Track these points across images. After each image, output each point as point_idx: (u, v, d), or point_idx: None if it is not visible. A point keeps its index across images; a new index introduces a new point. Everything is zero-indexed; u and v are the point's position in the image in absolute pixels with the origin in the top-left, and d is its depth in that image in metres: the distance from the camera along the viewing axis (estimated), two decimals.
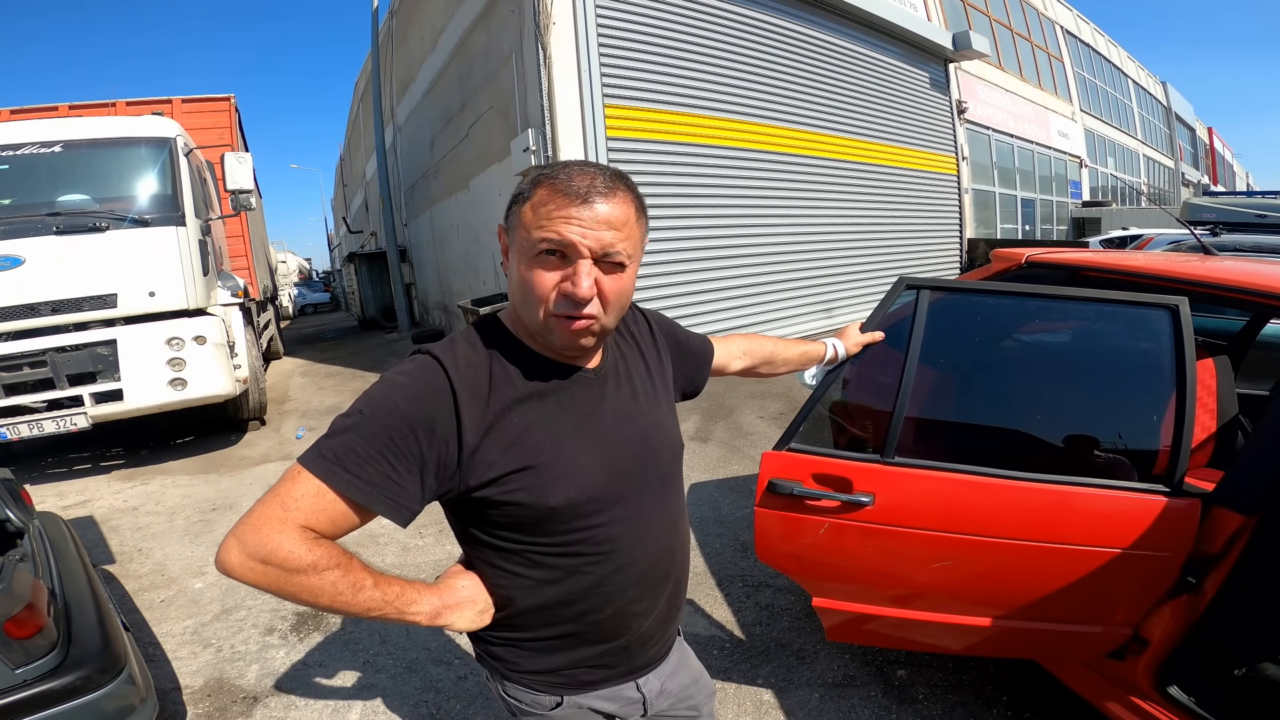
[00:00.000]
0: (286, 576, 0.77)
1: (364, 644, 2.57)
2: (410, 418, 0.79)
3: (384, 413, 0.80)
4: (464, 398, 0.82)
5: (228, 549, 0.77)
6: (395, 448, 0.79)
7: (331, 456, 0.79)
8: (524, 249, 0.81)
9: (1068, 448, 1.69)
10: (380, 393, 0.82)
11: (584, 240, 0.78)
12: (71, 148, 4.81)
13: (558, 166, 0.83)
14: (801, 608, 2.59)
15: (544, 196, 0.80)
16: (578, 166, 0.82)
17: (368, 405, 0.81)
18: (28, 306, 4.51)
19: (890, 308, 1.70)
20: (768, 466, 1.69)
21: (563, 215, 0.78)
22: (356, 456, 0.78)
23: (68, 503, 4.43)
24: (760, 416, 5.18)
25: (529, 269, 0.81)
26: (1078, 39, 18.22)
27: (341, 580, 0.80)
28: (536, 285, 0.81)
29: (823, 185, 9.04)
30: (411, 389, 0.81)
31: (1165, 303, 1.53)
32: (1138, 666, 1.55)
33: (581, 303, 0.80)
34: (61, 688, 1.53)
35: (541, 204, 0.80)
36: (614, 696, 0.99)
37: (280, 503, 0.79)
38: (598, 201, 0.79)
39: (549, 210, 0.79)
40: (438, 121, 10.67)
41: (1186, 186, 27.32)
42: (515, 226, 0.83)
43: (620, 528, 0.91)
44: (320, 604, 0.80)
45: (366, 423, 0.79)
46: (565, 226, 0.78)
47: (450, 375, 0.82)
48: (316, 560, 0.78)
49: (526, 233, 0.81)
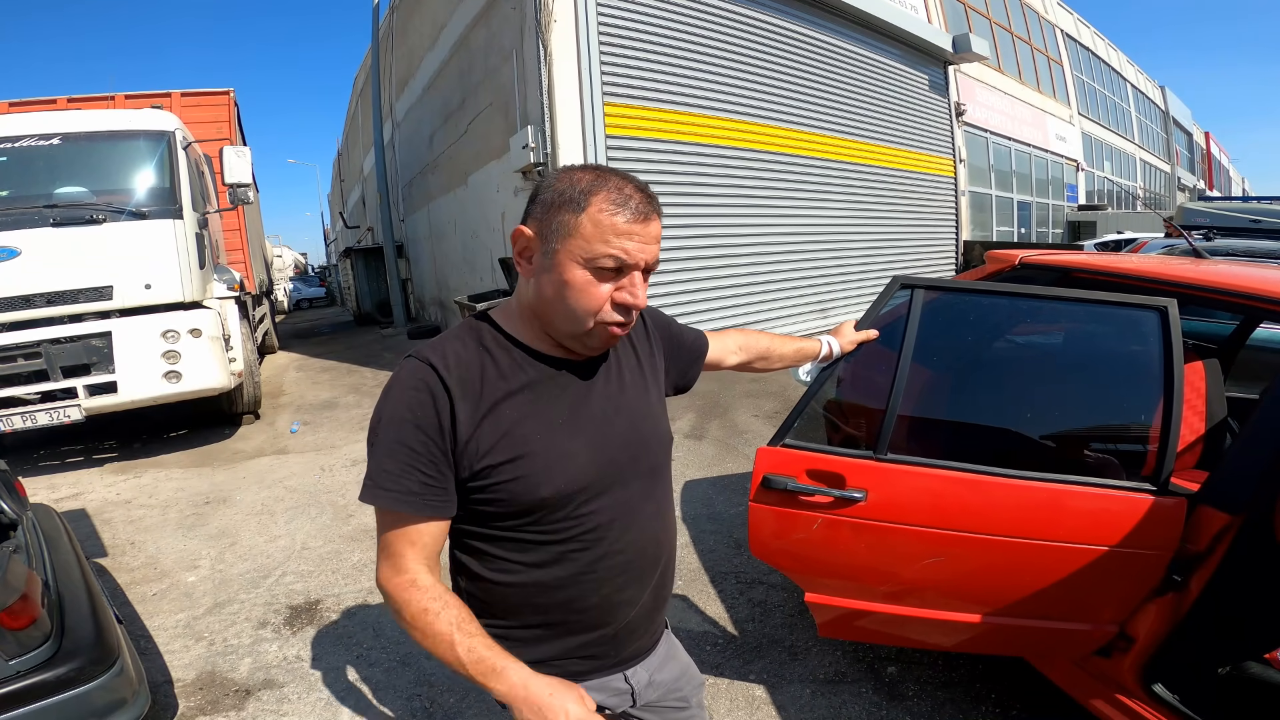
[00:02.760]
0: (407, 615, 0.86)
1: (357, 637, 2.57)
2: (418, 422, 0.83)
3: (395, 425, 0.84)
4: (456, 393, 0.84)
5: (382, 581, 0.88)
6: (415, 454, 0.83)
7: (378, 482, 0.84)
8: (580, 258, 0.82)
9: (1057, 446, 1.71)
10: (387, 408, 0.86)
11: (642, 255, 0.84)
12: (70, 140, 4.79)
13: (601, 176, 0.84)
14: (794, 605, 2.60)
15: (605, 209, 0.81)
16: (617, 177, 0.84)
17: (379, 423, 0.86)
18: (23, 298, 4.50)
19: (884, 307, 1.72)
20: (762, 462, 1.70)
21: (628, 232, 0.82)
22: (390, 475, 0.84)
23: (60, 495, 4.42)
24: (755, 415, 5.20)
25: (584, 279, 0.83)
26: (1078, 42, 18.27)
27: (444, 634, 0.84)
28: (592, 296, 0.84)
29: (820, 186, 9.06)
30: (409, 396, 0.85)
31: (1154, 304, 1.54)
32: (1123, 664, 1.57)
33: (638, 311, 0.87)
34: (55, 679, 1.53)
35: (606, 216, 0.81)
36: (602, 687, 1.00)
37: (383, 553, 0.89)
38: (652, 219, 0.85)
39: (614, 225, 0.81)
40: (437, 117, 10.65)
41: (1182, 191, 27.43)
42: (566, 234, 0.83)
43: (608, 515, 0.92)
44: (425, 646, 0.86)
45: (383, 441, 0.85)
46: (630, 244, 0.82)
47: (441, 374, 0.85)
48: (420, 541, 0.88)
49: (586, 243, 0.82)
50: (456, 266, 10.45)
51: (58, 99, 7.11)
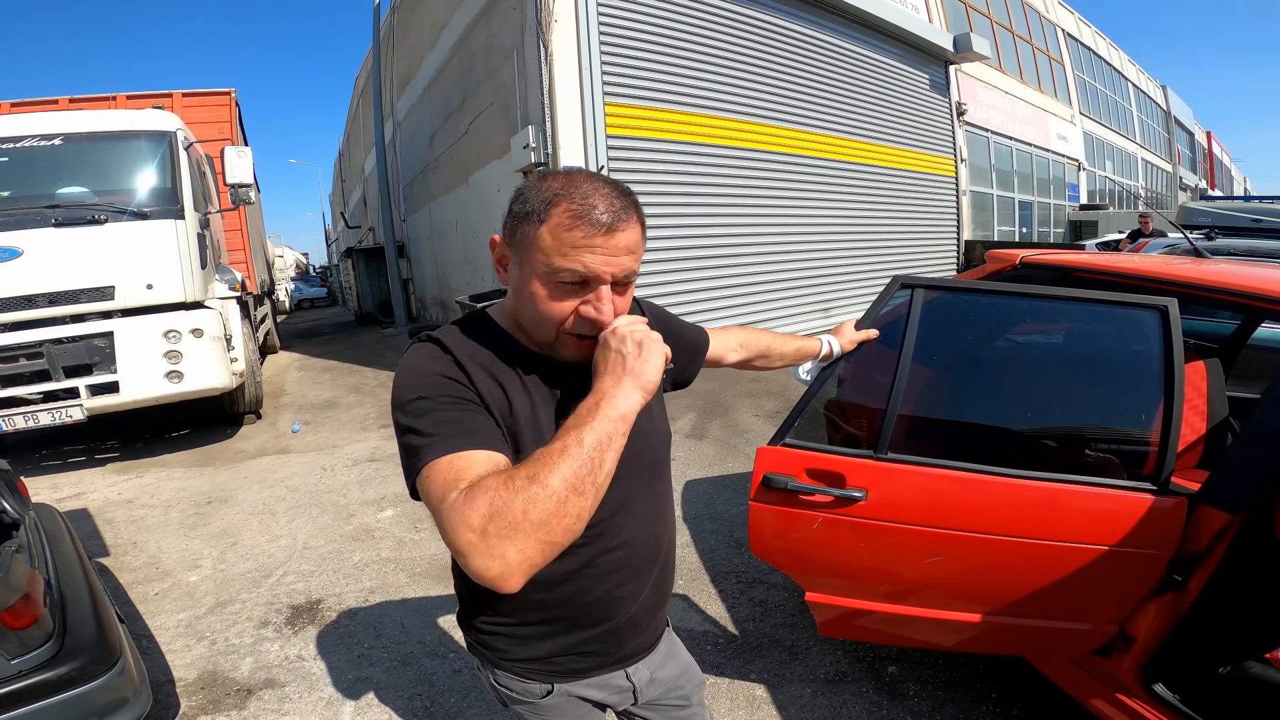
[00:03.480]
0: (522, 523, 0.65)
1: (358, 637, 2.57)
2: (452, 379, 0.81)
3: (433, 385, 0.80)
4: (471, 368, 0.84)
5: (475, 553, 0.65)
6: (469, 403, 0.80)
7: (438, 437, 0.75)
8: (540, 272, 0.80)
9: (1058, 446, 1.71)
10: (411, 378, 0.82)
11: (607, 269, 0.78)
12: (71, 140, 4.80)
13: (569, 184, 0.79)
14: (794, 604, 2.60)
15: (565, 222, 0.77)
16: (589, 184, 0.79)
17: (410, 392, 0.80)
18: (25, 298, 4.51)
19: (885, 306, 1.72)
20: (763, 461, 1.70)
21: (587, 245, 0.77)
22: (451, 423, 0.76)
23: (63, 495, 4.43)
24: (756, 415, 5.20)
25: (546, 293, 0.80)
26: (1079, 42, 18.25)
27: (554, 448, 0.69)
28: (554, 310, 0.81)
29: (821, 185, 9.06)
30: (432, 364, 0.83)
31: (1155, 304, 1.54)
32: (1124, 664, 1.57)
33: (603, 327, 0.81)
34: (57, 678, 1.54)
35: (563, 229, 0.77)
36: (604, 685, 1.01)
37: (441, 496, 0.70)
38: (619, 230, 0.78)
39: (573, 239, 0.77)
40: (438, 117, 10.66)
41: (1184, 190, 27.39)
42: (527, 246, 0.80)
43: (608, 511, 0.91)
44: (581, 475, 0.68)
45: (427, 400, 0.79)
46: (590, 257, 0.77)
47: (453, 352, 0.85)
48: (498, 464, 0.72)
49: (545, 257, 0.78)
50: (458, 266, 10.46)
51: (59, 99, 7.12)
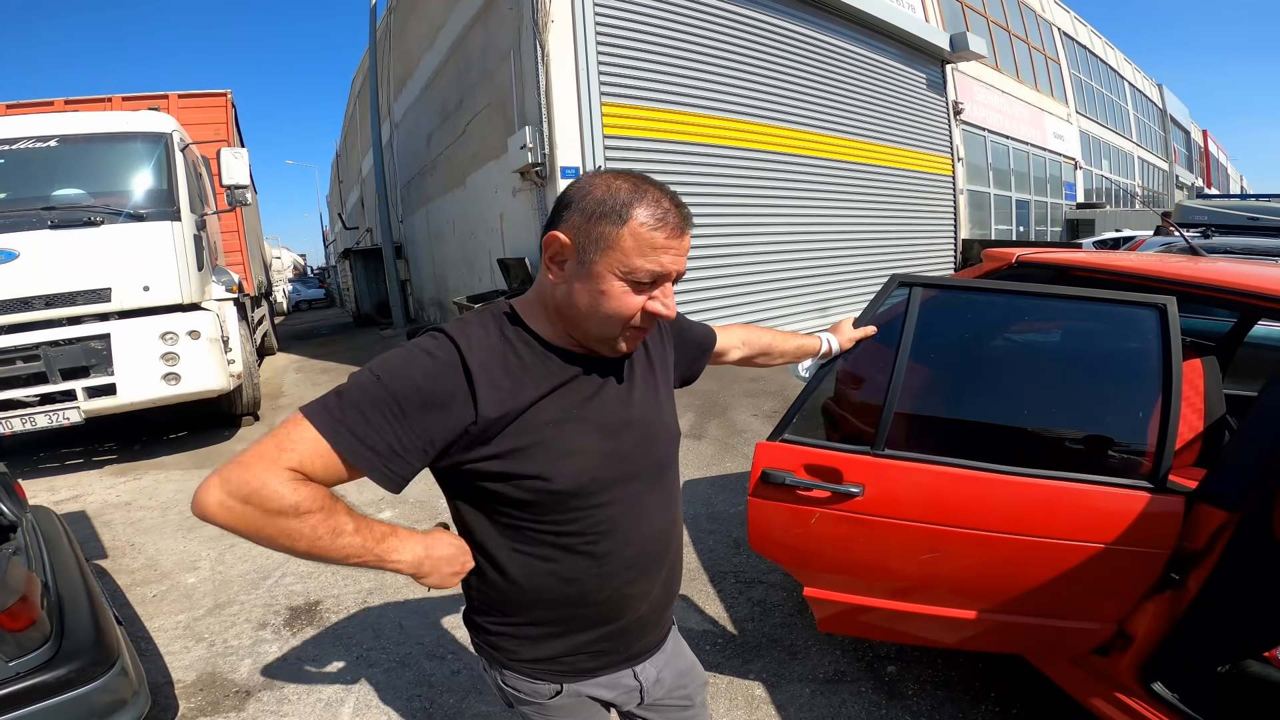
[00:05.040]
0: (265, 519, 0.75)
1: (357, 638, 2.57)
2: (424, 391, 0.80)
3: (399, 382, 0.80)
4: (478, 375, 0.83)
5: (207, 488, 0.75)
6: (403, 419, 0.80)
7: (339, 415, 0.79)
8: (619, 270, 0.83)
9: (1055, 443, 1.71)
10: (398, 362, 0.83)
11: (676, 267, 0.86)
12: (67, 142, 4.79)
13: (639, 187, 0.84)
14: (793, 604, 2.61)
15: (647, 224, 0.82)
16: (655, 188, 0.85)
17: (384, 372, 0.81)
18: (21, 300, 4.49)
19: (883, 305, 1.72)
20: (761, 457, 1.71)
21: (665, 246, 0.83)
22: (364, 420, 0.79)
23: (60, 497, 4.42)
24: (754, 414, 5.20)
25: (622, 291, 0.84)
26: (1074, 41, 18.28)
27: (321, 525, 0.78)
28: (627, 305, 0.85)
29: (818, 185, 9.07)
30: (430, 364, 0.82)
31: (1153, 302, 1.54)
32: (1122, 662, 1.57)
33: (667, 319, 0.89)
34: (54, 681, 1.53)
35: (647, 230, 0.82)
36: (612, 684, 1.01)
37: (276, 444, 0.78)
38: (688, 233, 0.87)
39: (654, 239, 0.82)
40: (435, 118, 10.65)
41: (1180, 189, 27.45)
42: (606, 246, 0.82)
43: (618, 509, 0.93)
44: (297, 549, 0.78)
45: (380, 389, 0.80)
46: (668, 258, 0.84)
47: (464, 353, 0.84)
48: (299, 502, 0.76)
49: (625, 257, 0.82)
50: (455, 267, 10.46)
51: (55, 101, 7.10)
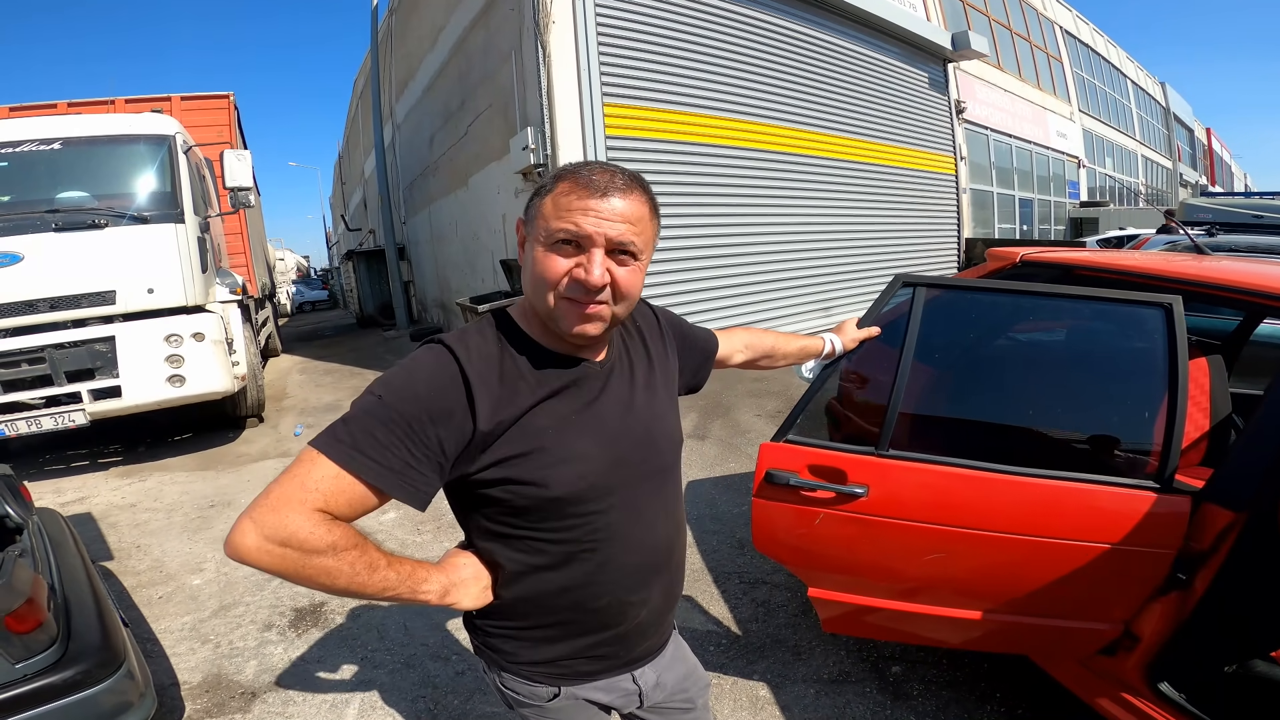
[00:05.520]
0: (305, 559, 0.77)
1: (362, 640, 2.57)
2: (429, 405, 0.81)
3: (404, 400, 0.81)
4: (477, 386, 0.83)
5: (242, 532, 0.76)
6: (414, 435, 0.80)
7: (350, 442, 0.80)
8: (541, 238, 0.85)
9: (1060, 443, 1.70)
10: (399, 380, 0.84)
11: (598, 230, 0.82)
12: (71, 145, 4.80)
13: (580, 165, 0.87)
14: (797, 604, 2.60)
15: (564, 189, 0.84)
16: (599, 165, 0.86)
17: (387, 391, 0.82)
18: (26, 303, 4.51)
19: (886, 305, 1.72)
20: (765, 457, 1.71)
21: (581, 207, 0.82)
22: (377, 442, 0.79)
23: (66, 499, 4.43)
24: (758, 415, 5.19)
25: (544, 255, 0.85)
26: (1077, 39, 18.23)
27: (359, 561, 0.81)
28: (549, 270, 0.84)
29: (821, 184, 9.05)
30: (430, 378, 0.83)
31: (1158, 301, 1.54)
32: (1129, 663, 1.56)
33: (593, 290, 0.83)
34: (61, 682, 1.54)
35: (562, 195, 0.84)
36: (611, 688, 1.01)
37: (299, 484, 0.79)
38: (615, 196, 0.83)
39: (569, 202, 0.83)
40: (437, 119, 10.66)
41: (1184, 187, 27.35)
42: (534, 218, 0.87)
43: (617, 515, 0.92)
44: (337, 586, 0.80)
45: (386, 409, 0.81)
46: (583, 218, 0.82)
47: (463, 365, 0.84)
48: (335, 541, 0.78)
49: (545, 222, 0.84)
50: (458, 268, 10.47)
51: (58, 103, 7.13)
